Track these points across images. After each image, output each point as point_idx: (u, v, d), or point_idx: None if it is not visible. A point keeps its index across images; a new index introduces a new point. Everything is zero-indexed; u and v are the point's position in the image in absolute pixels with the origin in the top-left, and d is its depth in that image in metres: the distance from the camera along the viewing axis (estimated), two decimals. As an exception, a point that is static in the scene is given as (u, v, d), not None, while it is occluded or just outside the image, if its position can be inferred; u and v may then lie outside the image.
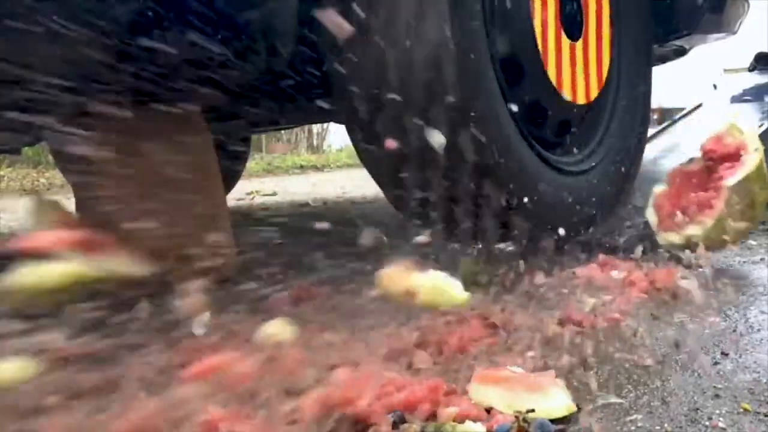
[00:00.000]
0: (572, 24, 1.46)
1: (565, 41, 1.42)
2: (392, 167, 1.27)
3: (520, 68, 1.36)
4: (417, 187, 1.26)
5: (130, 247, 1.43)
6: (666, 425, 0.70)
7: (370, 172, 1.37)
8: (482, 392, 0.76)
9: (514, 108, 1.29)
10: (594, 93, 1.51)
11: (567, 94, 1.43)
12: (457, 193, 1.25)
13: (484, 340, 1.00)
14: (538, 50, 1.35)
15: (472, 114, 1.18)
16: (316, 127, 9.78)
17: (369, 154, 1.32)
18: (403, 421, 0.71)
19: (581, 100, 1.47)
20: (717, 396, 0.77)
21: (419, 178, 1.24)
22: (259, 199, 4.00)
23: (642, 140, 1.69)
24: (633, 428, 0.70)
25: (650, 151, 2.31)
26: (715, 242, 1.37)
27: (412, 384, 0.77)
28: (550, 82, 1.39)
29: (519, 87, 1.36)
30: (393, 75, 1.18)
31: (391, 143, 1.19)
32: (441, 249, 1.37)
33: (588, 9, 1.49)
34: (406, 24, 1.16)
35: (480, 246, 1.37)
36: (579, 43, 1.46)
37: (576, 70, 1.45)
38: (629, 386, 0.81)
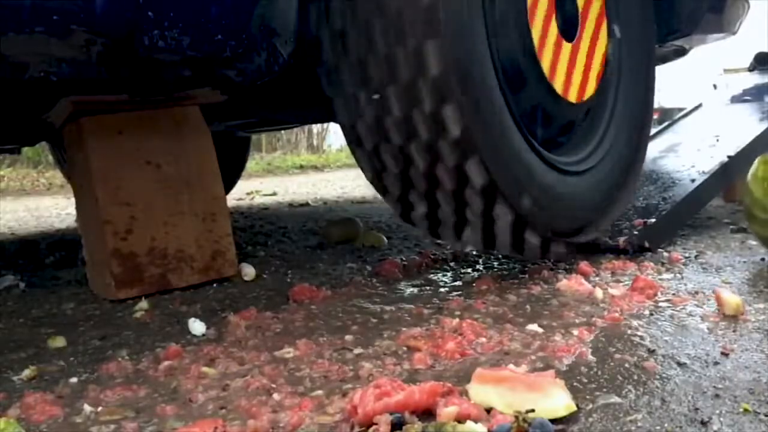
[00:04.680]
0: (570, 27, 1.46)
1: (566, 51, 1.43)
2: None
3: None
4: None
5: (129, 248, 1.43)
6: (666, 425, 0.70)
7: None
8: (482, 392, 0.76)
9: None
10: (590, 92, 1.51)
11: (563, 93, 1.43)
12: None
13: (483, 344, 1.00)
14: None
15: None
16: (316, 127, 9.78)
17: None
18: (403, 422, 0.71)
19: (573, 98, 1.47)
20: (717, 396, 0.77)
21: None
22: (259, 199, 4.00)
23: (643, 140, 1.69)
24: (633, 428, 0.70)
25: (650, 151, 2.31)
26: None
27: (411, 385, 0.77)
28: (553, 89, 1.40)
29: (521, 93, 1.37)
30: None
31: None
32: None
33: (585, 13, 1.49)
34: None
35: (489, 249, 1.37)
36: (577, 46, 1.47)
37: (573, 72, 1.46)
38: (629, 386, 0.81)
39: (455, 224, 1.31)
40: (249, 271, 1.58)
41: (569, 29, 1.45)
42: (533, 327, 1.05)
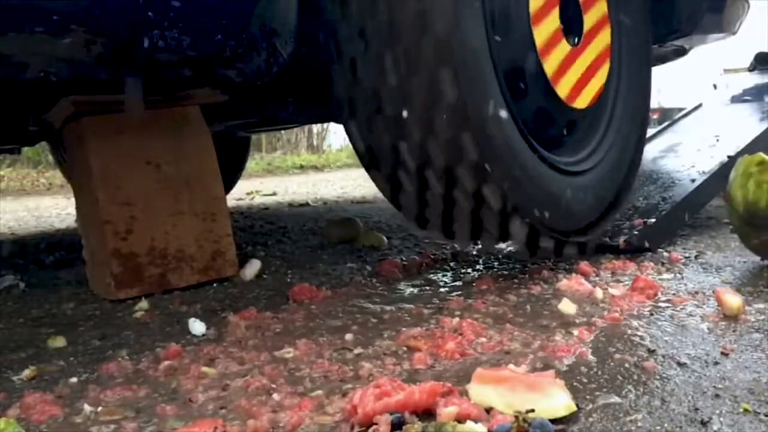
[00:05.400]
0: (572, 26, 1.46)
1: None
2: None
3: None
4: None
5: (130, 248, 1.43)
6: (666, 425, 0.70)
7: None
8: (482, 392, 0.76)
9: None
10: (594, 95, 1.51)
11: (569, 100, 1.43)
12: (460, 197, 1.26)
13: (484, 344, 1.00)
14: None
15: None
16: (316, 127, 9.78)
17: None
18: (403, 422, 0.71)
19: (582, 104, 1.47)
20: (717, 396, 0.77)
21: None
22: (259, 199, 4.00)
23: (641, 140, 1.69)
24: (633, 428, 0.70)
25: (650, 151, 2.31)
26: None
27: (411, 385, 0.77)
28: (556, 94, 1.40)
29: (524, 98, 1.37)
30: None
31: None
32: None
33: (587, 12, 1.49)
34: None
35: (480, 246, 1.37)
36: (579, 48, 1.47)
37: (577, 75, 1.45)
38: (629, 386, 0.81)
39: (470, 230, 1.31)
40: (249, 272, 1.57)
41: (573, 33, 1.45)
42: (533, 327, 1.05)
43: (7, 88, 1.40)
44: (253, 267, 1.58)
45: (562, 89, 1.41)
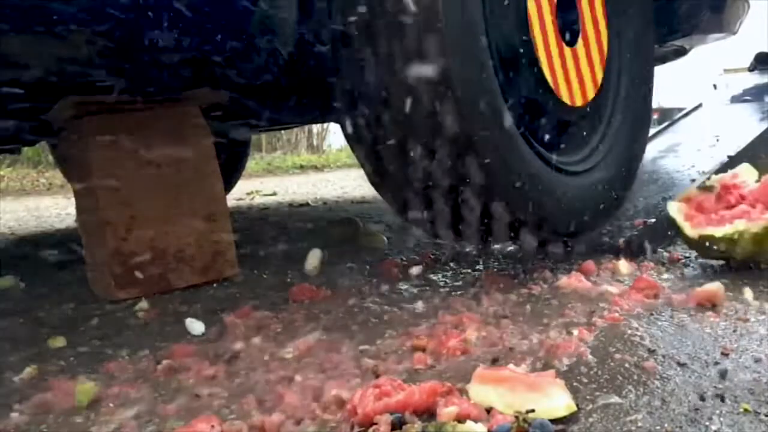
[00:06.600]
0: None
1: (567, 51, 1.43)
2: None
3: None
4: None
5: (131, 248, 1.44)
6: (666, 425, 0.70)
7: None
8: (482, 392, 0.76)
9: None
10: (591, 94, 1.50)
11: (565, 97, 1.43)
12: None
13: (484, 342, 1.00)
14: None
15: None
16: (316, 127, 9.79)
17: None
18: (403, 422, 0.71)
19: (579, 101, 1.47)
20: (717, 396, 0.77)
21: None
22: (259, 199, 4.00)
23: (642, 140, 1.69)
24: (633, 428, 0.70)
25: (650, 151, 2.31)
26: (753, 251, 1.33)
27: (411, 385, 0.77)
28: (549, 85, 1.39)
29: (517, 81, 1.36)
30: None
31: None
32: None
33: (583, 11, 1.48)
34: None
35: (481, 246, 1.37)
36: (576, 47, 1.46)
37: (572, 73, 1.45)
38: (629, 386, 0.81)
39: (452, 222, 1.30)
40: (313, 262, 1.59)
41: (570, 32, 1.45)
42: (533, 326, 1.05)
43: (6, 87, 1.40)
44: (315, 256, 1.59)
45: (558, 85, 1.41)
